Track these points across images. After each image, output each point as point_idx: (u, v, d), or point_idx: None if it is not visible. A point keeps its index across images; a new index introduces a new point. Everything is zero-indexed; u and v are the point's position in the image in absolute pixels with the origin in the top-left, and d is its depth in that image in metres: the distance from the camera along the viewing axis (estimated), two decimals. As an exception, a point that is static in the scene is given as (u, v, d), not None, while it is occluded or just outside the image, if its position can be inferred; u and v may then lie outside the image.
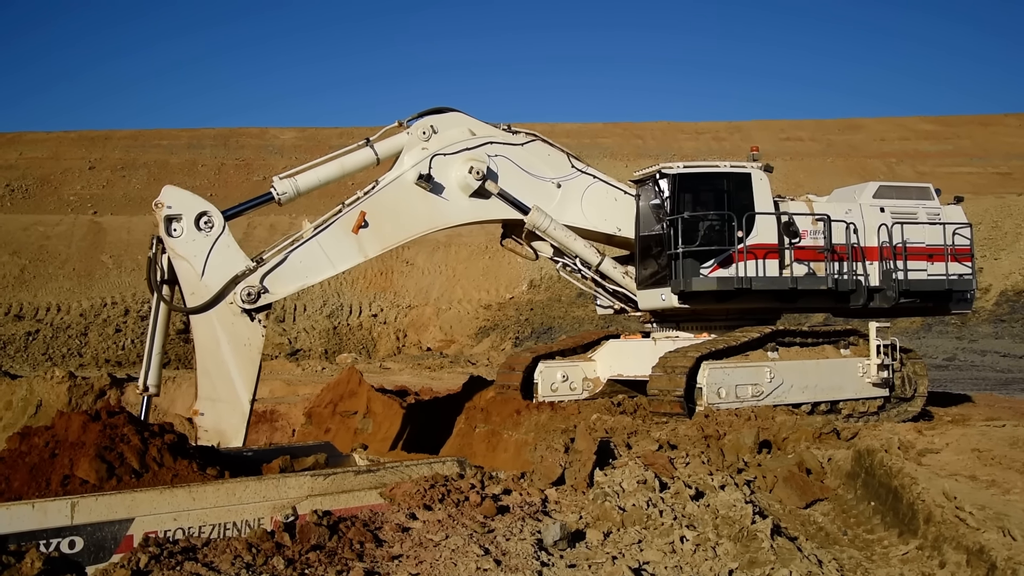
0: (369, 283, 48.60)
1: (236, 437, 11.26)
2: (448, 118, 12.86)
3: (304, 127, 75.41)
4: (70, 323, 42.63)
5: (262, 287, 11.44)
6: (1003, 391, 20.91)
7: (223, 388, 11.28)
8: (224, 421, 11.28)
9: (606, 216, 13.82)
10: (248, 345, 11.43)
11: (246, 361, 11.42)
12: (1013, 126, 76.46)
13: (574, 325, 40.67)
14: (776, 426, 10.73)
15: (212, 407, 11.26)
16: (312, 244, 11.87)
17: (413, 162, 12.44)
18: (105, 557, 6.55)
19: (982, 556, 6.48)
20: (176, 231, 11.08)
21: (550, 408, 13.43)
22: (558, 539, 6.49)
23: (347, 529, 6.40)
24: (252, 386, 11.46)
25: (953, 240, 14.18)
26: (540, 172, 13.35)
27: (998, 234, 43.33)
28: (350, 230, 12.01)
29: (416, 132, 12.58)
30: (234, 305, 11.31)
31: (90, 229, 52.98)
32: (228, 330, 11.30)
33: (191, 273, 11.14)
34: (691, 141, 74.55)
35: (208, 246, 11.19)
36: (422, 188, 12.33)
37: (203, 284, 11.16)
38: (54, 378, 22.62)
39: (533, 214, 13.14)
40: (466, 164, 12.60)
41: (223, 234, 11.29)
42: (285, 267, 11.67)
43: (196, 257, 11.13)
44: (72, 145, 66.52)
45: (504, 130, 13.25)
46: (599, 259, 13.91)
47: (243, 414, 11.35)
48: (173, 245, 11.10)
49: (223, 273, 11.27)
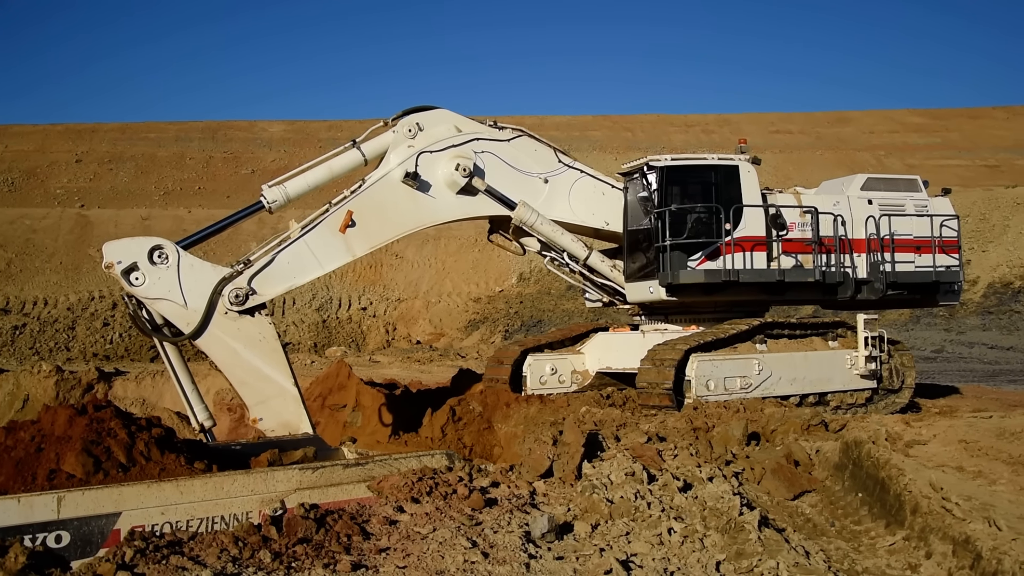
0: (358, 276, 48.50)
1: (302, 422, 11.34)
2: (434, 115, 12.78)
3: (293, 120, 75.09)
4: (57, 317, 42.41)
5: (250, 288, 11.35)
6: (990, 383, 21.04)
7: (265, 387, 11.28)
8: (284, 414, 11.32)
9: (594, 210, 13.80)
10: (263, 339, 11.40)
11: (270, 353, 11.41)
12: (1001, 119, 76.75)
13: (563, 318, 40.71)
14: (765, 418, 10.75)
15: (266, 408, 11.26)
16: (300, 244, 11.79)
17: (399, 160, 12.35)
18: (92, 551, 6.53)
19: (968, 546, 6.50)
20: (138, 279, 10.86)
21: (539, 401, 13.44)
22: (546, 531, 6.49)
23: (334, 522, 6.39)
24: (288, 370, 11.48)
25: (940, 232, 14.23)
26: (527, 167, 13.30)
27: (986, 226, 43.55)
28: (337, 230, 11.93)
29: (402, 130, 12.49)
30: (230, 312, 11.22)
31: (77, 222, 52.68)
32: (236, 336, 11.24)
33: (175, 307, 11.00)
34: (681, 134, 74.56)
35: (175, 276, 11.01)
36: (409, 186, 12.25)
37: (191, 311, 11.05)
38: (41, 372, 22.55)
39: (520, 210, 13.08)
40: (453, 161, 12.52)
41: (182, 257, 11.11)
42: (273, 268, 11.59)
43: (171, 292, 10.97)
44: (59, 138, 66.04)
45: (490, 126, 13.18)
46: (587, 253, 13.89)
47: (295, 398, 11.39)
48: (143, 292, 10.91)
49: (203, 291, 11.13)
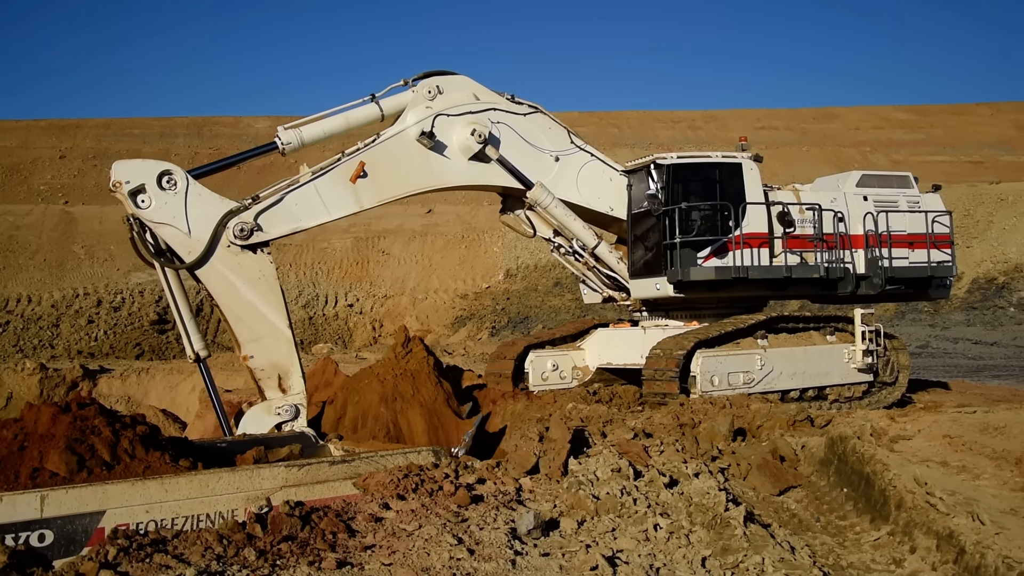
0: (345, 273, 48.36)
1: (293, 366, 11.40)
2: (454, 80, 12.97)
3: (278, 116, 74.71)
4: (41, 314, 42.11)
5: (256, 224, 11.41)
6: (974, 378, 21.18)
7: (259, 325, 11.34)
8: (274, 354, 11.38)
9: (599, 194, 13.99)
10: (262, 277, 11.45)
11: (267, 291, 11.47)
12: (985, 115, 77.14)
13: (550, 314, 40.70)
14: (751, 414, 10.80)
15: (258, 346, 11.32)
16: (309, 188, 11.87)
17: (416, 119, 12.51)
18: (76, 550, 6.47)
19: (951, 541, 6.54)
20: (144, 202, 10.92)
21: (526, 397, 13.48)
22: (532, 528, 6.49)
23: (320, 519, 6.36)
24: (284, 313, 11.55)
25: (933, 227, 14.42)
26: (540, 144, 13.51)
27: (970, 222, 43.80)
28: (348, 179, 12.02)
29: (421, 91, 12.64)
30: (233, 246, 11.27)
31: (61, 219, 52.31)
32: (236, 271, 11.30)
33: (178, 234, 11.04)
34: (667, 130, 74.58)
35: (182, 203, 11.06)
36: (423, 145, 12.40)
37: (194, 240, 11.09)
38: (25, 370, 22.45)
39: (536, 190, 13.29)
40: (468, 127, 12.68)
41: (191, 185, 11.16)
42: (280, 208, 11.67)
43: (176, 218, 11.02)
44: (42, 134, 65.52)
45: (508, 99, 13.36)
46: (596, 242, 14.03)
47: (288, 340, 11.48)
48: (149, 215, 10.94)
49: (208, 221, 11.18)
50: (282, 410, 11.29)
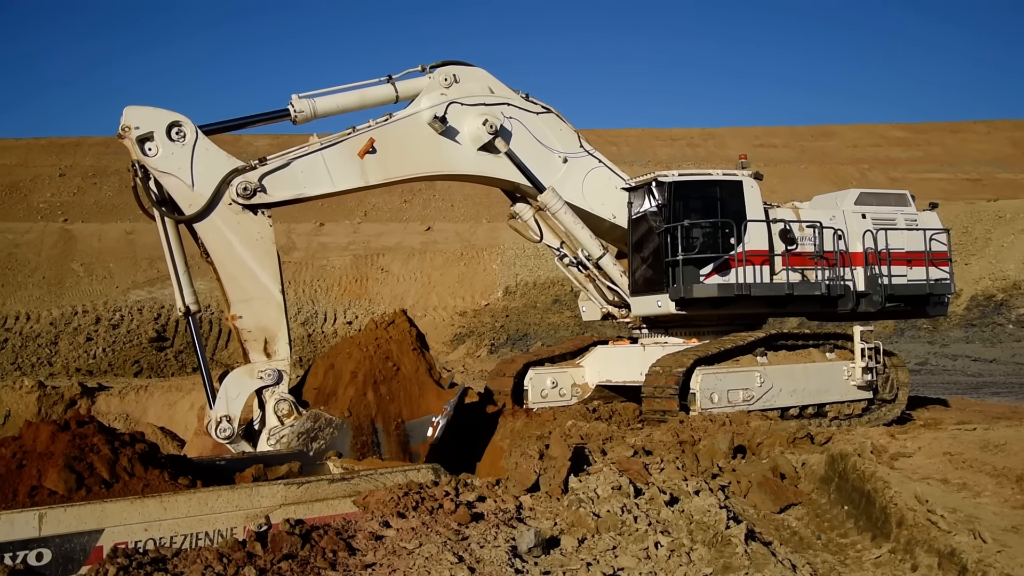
0: (344, 290, 48.40)
1: (280, 330, 11.41)
2: (471, 71, 13.10)
3: (278, 134, 74.80)
4: (40, 332, 42.09)
5: (259, 185, 11.47)
6: (974, 395, 21.17)
7: (251, 286, 11.35)
8: (263, 317, 11.38)
9: (604, 201, 14.04)
10: (260, 239, 11.47)
11: (263, 254, 11.47)
12: (982, 133, 77.53)
13: (550, 331, 40.71)
14: (751, 431, 10.77)
15: (248, 307, 11.33)
16: (316, 157, 11.91)
17: (431, 104, 12.62)
18: (74, 569, 6.44)
19: (953, 559, 6.52)
20: (151, 150, 10.94)
21: (525, 415, 13.46)
22: (532, 546, 6.46)
23: (320, 538, 6.34)
24: (278, 277, 11.56)
25: (931, 245, 14.45)
26: (550, 143, 13.60)
27: (968, 239, 43.88)
28: (356, 153, 12.07)
29: (438, 77, 12.76)
30: (234, 204, 11.32)
31: (60, 237, 52.42)
32: (235, 229, 11.33)
33: (181, 186, 11.08)
34: (666, 148, 74.94)
35: (188, 155, 11.11)
36: (434, 129, 12.48)
37: (196, 193, 11.13)
38: (23, 387, 22.34)
39: (548, 194, 13.36)
40: (480, 117, 12.78)
41: (199, 139, 11.22)
42: (286, 172, 11.72)
43: (181, 169, 11.05)
44: (42, 152, 65.77)
45: (523, 97, 13.48)
46: (601, 253, 14.06)
47: (278, 304, 11.48)
48: (154, 164, 10.96)
49: (212, 176, 11.23)
50: (264, 374, 11.27)
